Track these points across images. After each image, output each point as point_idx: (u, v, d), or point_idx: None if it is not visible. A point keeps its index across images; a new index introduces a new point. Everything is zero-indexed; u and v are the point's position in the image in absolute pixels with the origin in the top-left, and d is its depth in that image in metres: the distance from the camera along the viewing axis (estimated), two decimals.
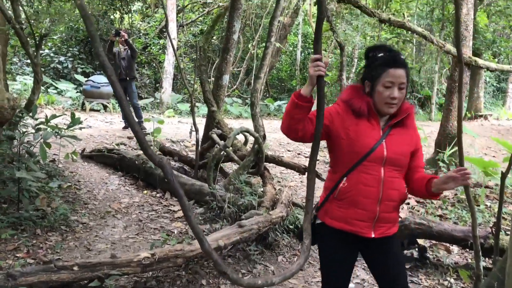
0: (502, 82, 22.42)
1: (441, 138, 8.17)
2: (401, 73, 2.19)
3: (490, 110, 19.16)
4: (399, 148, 2.25)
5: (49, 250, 4.02)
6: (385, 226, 2.28)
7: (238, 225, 4.00)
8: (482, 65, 7.71)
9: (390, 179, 2.24)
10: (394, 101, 2.20)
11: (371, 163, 2.21)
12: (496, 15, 15.79)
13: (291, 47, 20.10)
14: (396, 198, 2.26)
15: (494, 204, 5.99)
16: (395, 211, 2.31)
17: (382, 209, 2.23)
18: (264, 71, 5.99)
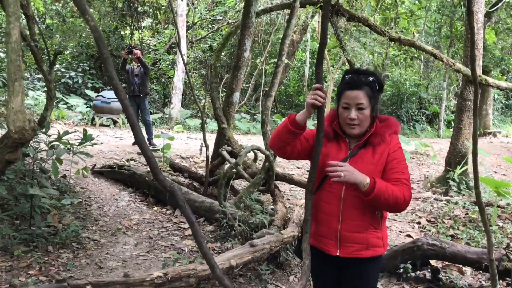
0: (510, 99, 22.37)
1: (451, 157, 8.14)
2: (356, 94, 2.24)
3: (499, 127, 19.09)
4: (361, 168, 2.23)
5: (61, 268, 4.02)
6: (353, 247, 2.28)
7: (250, 245, 3.99)
8: (493, 84, 7.71)
9: (351, 198, 2.26)
10: (353, 122, 2.26)
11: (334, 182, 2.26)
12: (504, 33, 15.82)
13: (299, 63, 20.21)
14: (361, 218, 2.26)
15: (507, 224, 5.94)
16: (364, 232, 2.28)
17: (344, 228, 2.27)
18: (275, 89, 6.03)
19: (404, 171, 2.27)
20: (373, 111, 2.30)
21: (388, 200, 2.15)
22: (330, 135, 2.37)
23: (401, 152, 2.33)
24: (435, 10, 16.84)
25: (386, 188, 2.16)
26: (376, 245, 2.31)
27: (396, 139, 2.35)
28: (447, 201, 6.97)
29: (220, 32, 17.32)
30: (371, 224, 2.28)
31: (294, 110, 19.08)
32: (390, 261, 4.30)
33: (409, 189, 2.23)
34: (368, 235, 2.28)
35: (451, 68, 7.96)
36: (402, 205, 2.20)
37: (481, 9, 7.78)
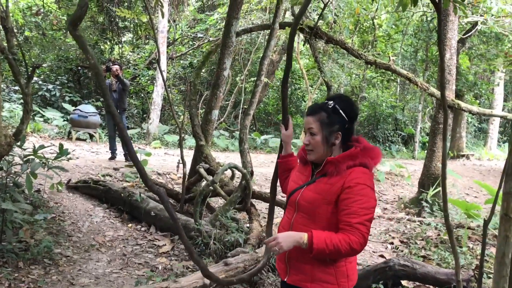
0: (483, 123, 22.95)
1: (424, 178, 8.31)
2: (307, 120, 2.25)
3: (472, 150, 19.53)
4: (311, 196, 2.19)
5: (31, 284, 3.96)
6: (298, 276, 2.21)
7: (224, 263, 4.00)
8: (465, 109, 7.94)
9: (298, 225, 2.22)
10: (307, 146, 2.26)
11: (290, 206, 2.32)
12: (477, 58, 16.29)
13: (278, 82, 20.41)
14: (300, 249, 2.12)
15: (477, 246, 6.07)
16: (309, 263, 2.17)
17: (291, 255, 2.23)
18: (254, 108, 6.11)
19: (358, 212, 2.06)
20: (328, 137, 2.20)
21: (332, 253, 2.05)
22: (302, 160, 2.38)
23: (360, 189, 2.09)
24: (412, 34, 17.31)
25: (325, 242, 2.04)
26: (325, 281, 2.16)
27: (358, 173, 2.13)
28: (420, 222, 7.10)
29: (200, 49, 17.42)
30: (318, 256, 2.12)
31: (272, 128, 19.22)
32: (363, 281, 4.34)
33: (359, 235, 2.03)
34: (313, 268, 2.17)
35: (425, 91, 8.17)
36: (347, 254, 2.07)
37: (454, 35, 8.05)
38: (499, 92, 18.96)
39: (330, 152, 2.23)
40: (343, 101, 2.24)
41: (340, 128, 2.21)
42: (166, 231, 5.70)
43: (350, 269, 2.22)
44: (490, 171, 14.14)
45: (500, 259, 2.08)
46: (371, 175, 2.18)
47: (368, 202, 2.08)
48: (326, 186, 2.16)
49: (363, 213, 2.06)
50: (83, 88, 16.01)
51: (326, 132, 2.20)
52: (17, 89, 13.76)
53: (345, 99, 2.27)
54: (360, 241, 2.04)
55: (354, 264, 2.26)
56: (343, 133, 2.22)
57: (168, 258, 4.99)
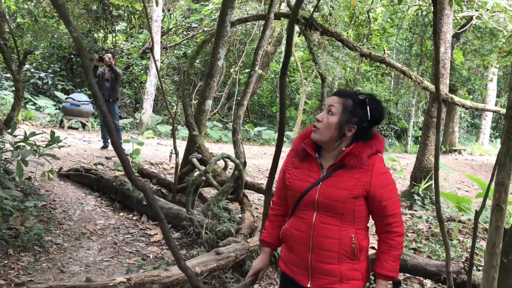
0: (476, 118, 23.07)
1: (416, 172, 8.34)
2: (332, 98, 2.15)
3: (464, 145, 19.64)
4: (334, 192, 2.06)
5: (21, 271, 3.94)
6: (325, 279, 2.10)
7: (216, 252, 4.00)
8: (458, 103, 7.96)
9: (323, 225, 2.08)
10: (317, 124, 2.12)
11: (304, 207, 2.13)
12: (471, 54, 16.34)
13: (273, 74, 20.36)
14: (333, 248, 2.07)
15: (467, 239, 6.11)
16: (337, 263, 2.08)
17: (314, 258, 2.10)
18: (247, 98, 6.08)
19: (395, 205, 2.11)
20: (342, 124, 2.10)
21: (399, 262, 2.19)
22: (300, 155, 2.19)
23: (387, 178, 2.12)
24: (407, 28, 17.31)
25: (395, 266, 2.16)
26: (353, 277, 2.09)
27: (379, 161, 2.11)
28: (412, 215, 7.13)
29: (195, 39, 17.32)
30: (346, 255, 2.07)
31: (266, 121, 19.20)
32: None
33: (400, 225, 2.13)
34: (342, 266, 2.07)
35: (419, 85, 8.19)
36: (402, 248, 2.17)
37: (449, 29, 8.05)
38: (492, 88, 19.05)
39: (335, 141, 2.13)
40: (374, 101, 2.16)
41: (358, 122, 2.11)
42: (157, 220, 5.68)
43: (369, 262, 2.21)
44: (482, 166, 14.23)
45: (491, 249, 2.09)
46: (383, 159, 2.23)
47: (394, 190, 2.18)
48: (351, 180, 2.07)
49: (397, 204, 2.15)
50: (76, 76, 15.89)
51: (344, 118, 2.10)
52: (9, 77, 13.63)
53: (377, 101, 2.18)
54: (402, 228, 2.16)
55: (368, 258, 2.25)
56: (358, 130, 2.12)
57: (159, 247, 4.98)
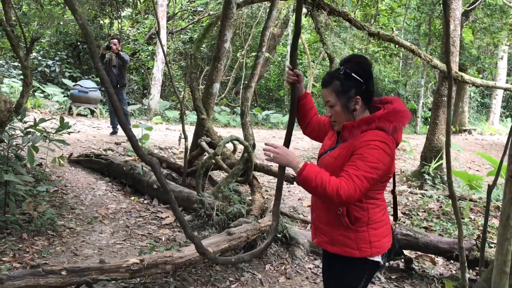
0: (486, 98, 22.82)
1: (426, 152, 8.28)
2: (323, 93, 2.23)
3: (474, 124, 19.47)
4: (329, 161, 2.20)
5: (35, 255, 3.98)
6: (321, 238, 2.29)
7: (227, 233, 4.02)
8: (468, 81, 7.86)
9: None
10: (331, 119, 2.26)
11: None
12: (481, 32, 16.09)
13: (280, 58, 20.25)
14: (324, 211, 2.24)
15: (478, 217, 6.09)
16: (329, 225, 2.21)
17: (315, 217, 2.32)
18: (255, 80, 6.05)
19: (359, 166, 2.01)
20: (346, 105, 2.16)
21: (316, 188, 2.00)
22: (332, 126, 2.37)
23: (369, 149, 2.04)
24: (415, 8, 17.05)
25: (315, 176, 2.01)
26: (345, 244, 2.17)
27: (370, 135, 2.08)
28: (422, 194, 7.11)
29: (200, 24, 17.22)
30: (334, 221, 2.18)
31: (274, 105, 19.13)
32: None
33: (351, 185, 1.97)
34: (332, 230, 2.20)
35: (428, 64, 8.09)
36: (331, 197, 1.97)
37: (458, 6, 7.92)
38: (502, 66, 18.79)
39: (352, 118, 2.19)
40: (354, 63, 2.17)
41: (357, 92, 2.16)
42: (168, 203, 5.70)
43: (374, 235, 2.17)
44: (492, 145, 14.11)
45: (505, 222, 2.07)
46: (388, 139, 2.09)
47: (373, 162, 2.01)
48: (343, 150, 2.15)
49: (364, 169, 2.00)
50: (83, 64, 15.90)
51: (343, 100, 2.17)
52: (16, 65, 13.68)
53: (356, 60, 2.19)
54: (349, 191, 1.96)
55: (380, 231, 2.20)
56: (362, 96, 2.17)
57: (171, 230, 5.02)
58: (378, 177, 2.05)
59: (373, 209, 2.17)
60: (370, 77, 2.18)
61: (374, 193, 2.17)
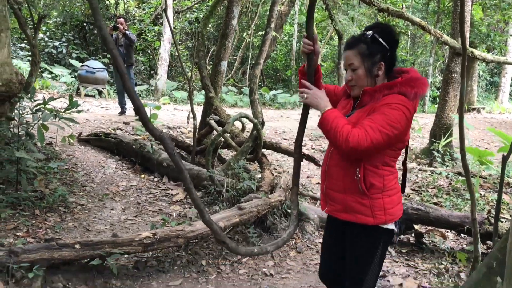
0: (495, 76, 22.58)
1: (436, 129, 8.24)
2: (347, 55, 2.19)
3: (483, 103, 19.31)
4: None
5: (48, 230, 4.02)
6: (334, 206, 2.26)
7: (238, 208, 4.03)
8: (479, 56, 7.76)
9: (335, 156, 2.24)
10: (350, 83, 2.23)
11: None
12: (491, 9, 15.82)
13: (287, 37, 20.07)
14: (339, 178, 2.21)
15: (489, 193, 6.07)
16: (343, 193, 2.19)
17: (328, 185, 2.28)
18: (264, 57, 6.00)
19: (376, 120, 2.02)
20: (370, 69, 2.15)
21: (329, 132, 2.06)
22: (346, 94, 2.38)
23: (390, 108, 2.03)
24: None
25: (333, 120, 2.06)
26: (358, 211, 2.16)
27: (391, 98, 2.07)
28: (431, 171, 7.09)
29: (206, 3, 17.06)
30: (350, 187, 2.17)
31: (281, 85, 19.02)
32: None
33: (362, 133, 1.98)
34: (347, 197, 2.19)
35: (438, 40, 7.98)
36: (341, 142, 2.00)
37: None
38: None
39: (374, 84, 2.18)
40: (381, 28, 2.18)
41: (382, 57, 2.15)
42: (178, 181, 5.74)
43: (388, 202, 2.17)
44: (502, 123, 14.01)
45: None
46: (409, 103, 2.07)
47: (391, 120, 2.01)
48: (361, 114, 2.13)
49: (380, 123, 2.00)
50: (90, 44, 15.85)
51: (368, 64, 2.15)
52: (24, 46, 13.66)
53: (383, 27, 2.21)
54: (359, 138, 1.97)
55: (394, 198, 2.20)
56: (385, 63, 2.17)
57: (181, 206, 5.04)
58: (393, 137, 2.03)
59: (388, 176, 2.18)
60: (396, 44, 2.20)
61: (389, 159, 2.17)
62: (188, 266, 3.66)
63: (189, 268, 3.65)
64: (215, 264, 3.75)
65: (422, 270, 3.92)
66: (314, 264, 3.95)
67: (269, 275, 3.73)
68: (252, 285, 3.56)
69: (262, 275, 3.73)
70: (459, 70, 7.50)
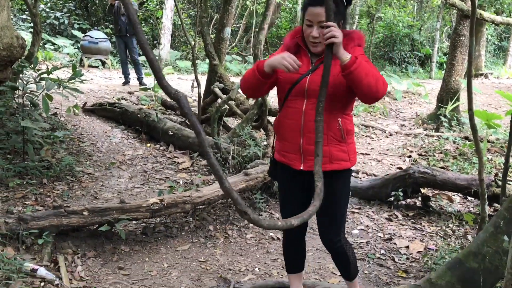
0: (503, 41, 22.18)
1: (443, 93, 8.15)
2: (318, 11, 2.12)
3: (491, 68, 19.01)
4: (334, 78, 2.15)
5: (56, 199, 4.06)
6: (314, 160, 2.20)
7: (244, 173, 4.04)
8: (487, 18, 7.60)
9: (311, 111, 2.16)
10: (316, 40, 2.19)
11: (294, 97, 2.27)
12: None
13: (291, 4, 19.72)
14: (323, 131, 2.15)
15: (496, 157, 6.04)
16: (327, 145, 2.22)
17: (306, 142, 2.25)
18: (268, 22, 5.89)
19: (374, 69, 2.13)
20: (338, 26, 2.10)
21: (368, 76, 2.04)
22: (292, 50, 2.29)
23: (365, 58, 2.17)
24: None
25: (367, 64, 2.09)
26: (341, 158, 2.29)
27: (359, 51, 2.20)
28: (438, 136, 7.05)
29: None
30: (333, 137, 2.26)
31: None
32: (382, 189, 4.39)
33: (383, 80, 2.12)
34: (331, 148, 2.25)
35: (446, 3, 7.80)
36: (381, 87, 2.09)
37: None
38: None
39: None
40: None
41: (343, 15, 2.22)
42: (185, 149, 5.74)
43: (354, 144, 2.43)
44: (510, 88, 13.83)
45: None
46: None
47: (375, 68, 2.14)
48: (335, 67, 2.12)
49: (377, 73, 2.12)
50: (91, 15, 15.66)
51: (336, 21, 2.09)
52: (25, 18, 13.52)
53: None
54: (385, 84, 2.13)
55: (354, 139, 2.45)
56: (344, 19, 2.24)
57: (188, 174, 5.06)
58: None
59: (352, 120, 2.40)
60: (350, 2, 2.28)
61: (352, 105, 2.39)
62: (195, 232, 3.69)
63: (196, 233, 3.68)
64: (223, 229, 3.78)
65: (429, 232, 3.94)
66: None
67: (276, 239, 3.76)
68: (260, 249, 3.60)
69: (269, 239, 3.76)
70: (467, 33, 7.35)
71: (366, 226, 4.04)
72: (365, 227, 4.04)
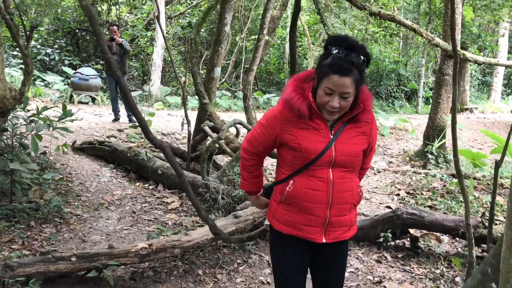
0: (487, 76, 22.69)
1: (429, 131, 8.28)
2: (345, 82, 1.93)
3: (476, 103, 19.39)
4: (349, 149, 2.09)
5: (44, 242, 4.01)
6: (340, 230, 2.16)
7: (234, 216, 4.04)
8: (470, 58, 7.81)
9: (340, 181, 2.08)
10: (334, 109, 2.00)
11: (319, 166, 2.06)
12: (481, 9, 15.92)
13: (279, 40, 20.10)
14: (349, 200, 2.13)
15: (483, 195, 6.11)
16: (350, 213, 2.17)
17: (333, 213, 2.10)
18: (257, 63, 6.03)
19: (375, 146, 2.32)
20: (357, 95, 2.04)
21: None
22: (305, 115, 2.04)
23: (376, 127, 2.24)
24: None
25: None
26: (355, 223, 2.24)
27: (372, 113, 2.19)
28: (426, 174, 7.12)
29: (199, 8, 17.08)
30: (355, 203, 2.19)
31: (274, 88, 19.05)
32: (371, 230, 4.40)
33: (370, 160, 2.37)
34: (351, 215, 2.19)
35: (430, 43, 8.03)
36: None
37: None
38: (503, 44, 18.64)
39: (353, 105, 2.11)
40: (363, 49, 1.99)
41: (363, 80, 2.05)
42: (174, 188, 5.74)
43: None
44: (494, 123, 14.09)
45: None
46: None
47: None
48: (359, 134, 2.13)
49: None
50: (82, 51, 15.82)
51: (357, 91, 2.01)
52: (16, 54, 13.60)
53: (363, 46, 2.01)
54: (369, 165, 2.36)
55: None
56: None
57: (177, 214, 5.04)
58: None
59: None
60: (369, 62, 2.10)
61: None
62: (184, 276, 3.66)
63: (185, 278, 3.65)
64: (212, 274, 3.75)
65: (418, 275, 3.94)
66: None
67: (266, 283, 3.74)
68: None
69: (259, 283, 3.73)
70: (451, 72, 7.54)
71: (356, 269, 4.03)
72: (355, 269, 4.03)
